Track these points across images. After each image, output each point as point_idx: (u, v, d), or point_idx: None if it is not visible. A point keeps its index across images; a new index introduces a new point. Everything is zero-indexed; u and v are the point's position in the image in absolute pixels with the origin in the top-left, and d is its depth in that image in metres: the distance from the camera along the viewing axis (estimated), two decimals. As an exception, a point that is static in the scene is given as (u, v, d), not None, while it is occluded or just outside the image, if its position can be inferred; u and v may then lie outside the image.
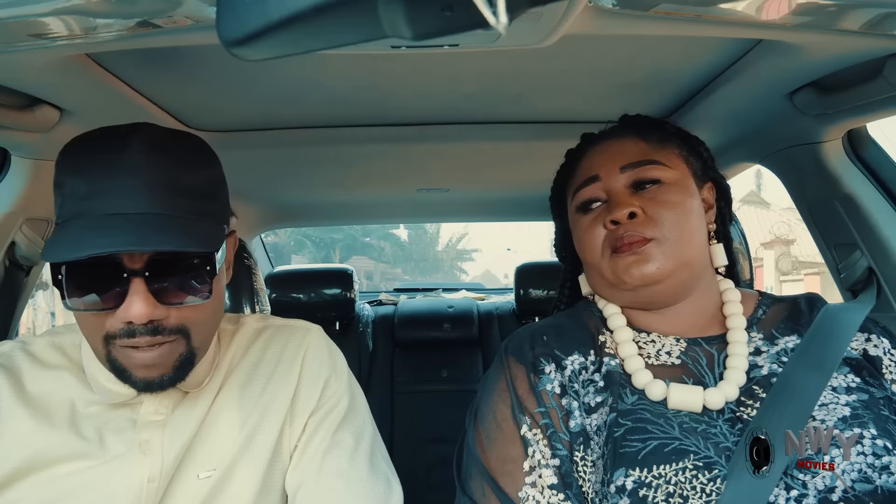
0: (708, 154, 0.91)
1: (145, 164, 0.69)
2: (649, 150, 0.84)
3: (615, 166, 0.83)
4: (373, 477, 0.82)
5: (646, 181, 0.82)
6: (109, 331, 0.70)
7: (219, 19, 0.33)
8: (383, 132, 1.30)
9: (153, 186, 0.69)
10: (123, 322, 0.68)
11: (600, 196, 0.84)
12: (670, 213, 0.79)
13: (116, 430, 0.77)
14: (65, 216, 0.70)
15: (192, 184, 0.72)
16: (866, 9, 0.64)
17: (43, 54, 0.71)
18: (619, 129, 0.91)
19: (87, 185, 0.69)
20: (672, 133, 0.89)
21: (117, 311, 0.68)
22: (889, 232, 1.06)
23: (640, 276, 0.77)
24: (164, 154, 0.71)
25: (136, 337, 0.69)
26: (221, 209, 0.78)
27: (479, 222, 4.83)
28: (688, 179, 0.84)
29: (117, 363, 0.71)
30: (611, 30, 0.69)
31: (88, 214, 0.68)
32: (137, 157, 0.69)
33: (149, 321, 0.69)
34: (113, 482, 0.75)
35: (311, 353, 0.89)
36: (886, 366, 0.76)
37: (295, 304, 2.26)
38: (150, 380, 0.72)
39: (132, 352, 0.70)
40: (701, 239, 0.82)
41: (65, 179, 0.71)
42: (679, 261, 0.78)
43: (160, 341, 0.70)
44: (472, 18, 0.28)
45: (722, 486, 0.65)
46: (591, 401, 0.76)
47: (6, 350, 0.81)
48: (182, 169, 0.72)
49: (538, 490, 0.71)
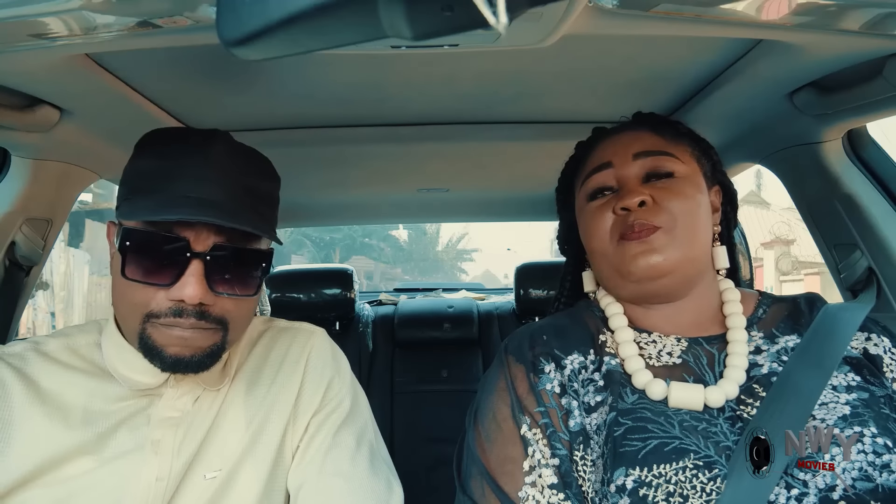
0: (717, 157, 0.91)
1: (226, 159, 0.76)
2: (664, 143, 0.84)
3: (629, 153, 0.84)
4: (373, 477, 0.82)
5: (659, 173, 0.82)
6: (154, 309, 0.73)
7: (219, 19, 0.34)
8: (383, 132, 1.30)
9: (230, 180, 0.75)
10: (174, 300, 0.72)
11: (611, 183, 0.84)
12: (681, 203, 0.79)
13: (130, 429, 0.78)
14: (138, 192, 0.75)
15: (261, 190, 0.80)
16: (866, 9, 0.64)
17: (43, 54, 0.71)
18: (632, 123, 0.91)
19: (166, 169, 0.74)
20: (684, 133, 0.89)
21: (171, 288, 0.72)
22: (889, 232, 1.06)
23: (647, 267, 0.77)
24: (242, 157, 0.78)
25: (183, 317, 0.72)
26: (274, 221, 0.84)
27: (480, 222, 4.83)
28: (699, 177, 0.84)
29: (150, 341, 0.73)
30: (611, 30, 0.69)
31: (165, 192, 0.73)
32: (219, 151, 0.76)
33: (198, 304, 0.72)
34: (122, 481, 0.75)
35: (314, 355, 0.90)
36: (887, 364, 0.76)
37: (295, 304, 2.26)
38: (181, 357, 0.74)
39: (172, 329, 0.73)
40: (707, 237, 0.82)
41: (143, 162, 0.76)
42: (685, 254, 0.78)
43: (203, 326, 0.74)
44: (472, 18, 0.28)
45: (722, 485, 0.65)
46: (591, 400, 0.76)
47: (18, 351, 0.81)
48: (255, 175, 0.79)
49: (538, 490, 0.71)
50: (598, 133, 0.94)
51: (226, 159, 0.76)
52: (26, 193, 1.08)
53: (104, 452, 0.76)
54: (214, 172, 0.74)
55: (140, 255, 0.73)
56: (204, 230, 0.73)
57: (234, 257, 0.75)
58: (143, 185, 0.75)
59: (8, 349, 0.81)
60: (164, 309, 0.72)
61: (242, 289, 0.77)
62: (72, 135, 1.02)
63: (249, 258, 0.77)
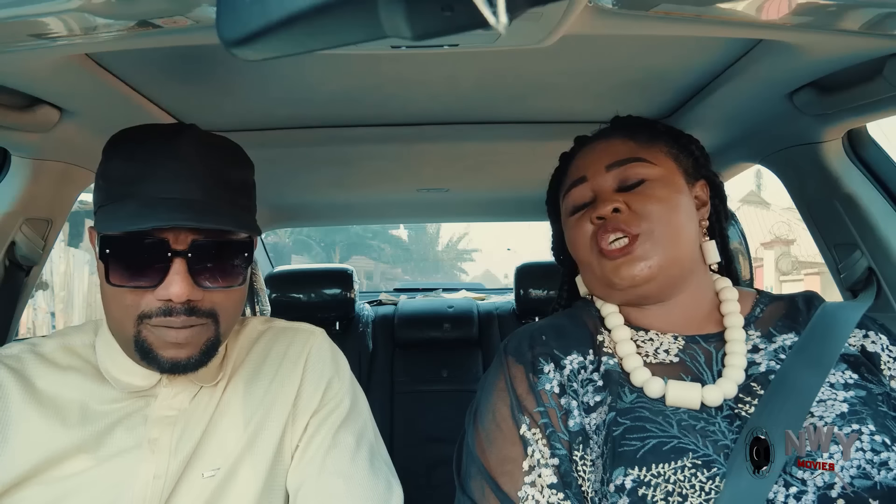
0: (700, 152, 0.91)
1: (195, 154, 0.74)
2: (636, 149, 0.85)
3: (601, 166, 0.85)
4: (373, 477, 0.82)
5: (631, 181, 0.83)
6: (145, 310, 0.73)
7: (219, 19, 0.34)
8: (383, 132, 1.30)
9: (202, 175, 0.74)
10: (161, 301, 0.72)
11: (588, 197, 0.86)
12: (655, 207, 0.80)
13: (127, 428, 0.78)
14: (111, 199, 0.74)
15: (234, 179, 0.79)
16: (866, 9, 0.64)
17: (43, 54, 0.71)
18: (608, 130, 0.92)
19: (137, 170, 0.73)
20: (661, 132, 0.90)
21: (157, 289, 0.72)
22: (889, 232, 1.06)
23: (630, 276, 0.78)
24: (211, 149, 0.77)
25: (173, 316, 0.73)
26: (253, 209, 0.84)
27: (479, 222, 4.83)
28: (675, 176, 0.85)
29: (145, 343, 0.74)
30: (611, 30, 0.69)
31: (138, 196, 0.72)
32: (188, 148, 0.74)
33: (186, 301, 0.72)
34: (119, 479, 0.75)
35: (314, 355, 0.90)
36: (885, 362, 0.76)
37: (295, 304, 2.26)
38: (177, 360, 0.74)
39: (165, 331, 0.73)
40: (690, 235, 0.82)
41: (113, 164, 0.75)
42: (668, 256, 0.78)
43: (194, 322, 0.74)
44: (472, 18, 0.28)
45: (721, 484, 0.65)
46: (590, 400, 0.76)
47: (15, 352, 0.81)
48: (227, 165, 0.78)
49: (538, 489, 0.71)
50: (579, 143, 0.95)
51: (197, 153, 0.75)
52: (26, 193, 1.08)
53: (101, 451, 0.76)
54: (187, 169, 0.73)
55: (122, 261, 0.73)
56: (182, 229, 0.73)
57: (216, 250, 0.75)
58: (116, 191, 0.74)
59: (5, 351, 0.82)
60: (154, 309, 0.73)
61: (228, 280, 0.77)
62: (72, 135, 1.01)
63: (231, 249, 0.78)
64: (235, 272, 0.78)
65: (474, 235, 35.09)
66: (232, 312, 0.80)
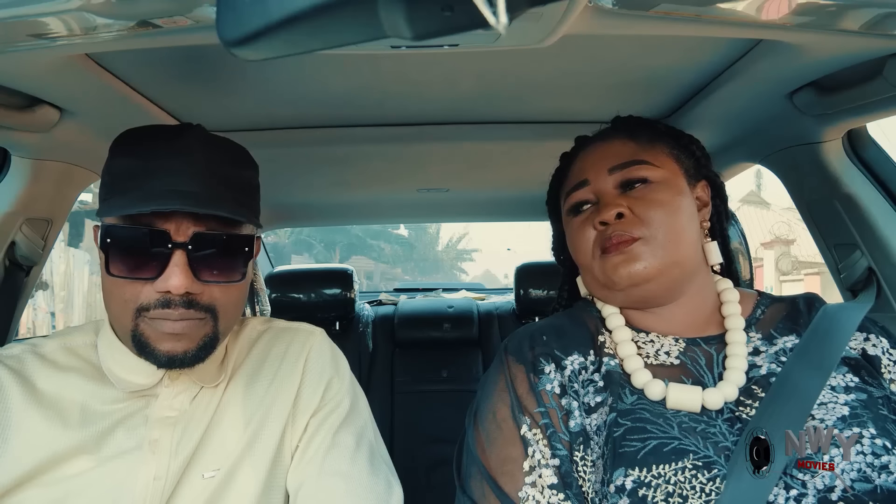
0: (701, 152, 0.91)
1: (200, 152, 0.75)
2: (638, 150, 0.85)
3: (603, 169, 0.85)
4: (373, 477, 0.82)
5: (633, 181, 0.83)
6: (143, 302, 0.73)
7: (219, 19, 0.34)
8: (383, 132, 1.30)
9: (206, 171, 0.74)
10: (160, 292, 0.72)
11: (590, 199, 0.86)
12: (658, 211, 0.79)
13: (128, 428, 0.78)
14: (115, 191, 0.75)
15: (238, 178, 0.79)
16: (866, 9, 0.64)
17: (43, 54, 0.71)
18: (609, 131, 0.92)
19: (141, 165, 0.74)
20: (662, 132, 0.89)
21: (156, 280, 0.72)
22: (889, 232, 1.06)
23: (629, 276, 0.78)
24: (216, 148, 0.78)
25: (171, 308, 0.73)
26: (256, 208, 0.84)
27: (479, 222, 4.83)
28: (677, 178, 0.84)
29: (143, 337, 0.74)
30: (611, 30, 0.69)
31: (142, 188, 0.73)
32: (193, 144, 0.75)
33: (185, 293, 0.72)
34: (120, 480, 0.75)
35: (314, 355, 0.90)
36: (885, 365, 0.76)
37: (295, 304, 2.26)
38: (174, 354, 0.74)
39: (163, 322, 0.73)
40: (692, 237, 0.82)
41: (118, 161, 0.76)
42: (668, 259, 0.78)
43: (192, 316, 0.74)
44: (472, 18, 0.28)
45: (721, 485, 0.65)
46: (591, 401, 0.76)
47: (16, 353, 0.81)
48: (231, 164, 0.79)
49: (538, 490, 0.71)
50: (580, 143, 0.94)
51: (200, 151, 0.75)
52: (26, 193, 1.08)
53: (102, 452, 0.76)
54: (189, 165, 0.74)
55: (122, 250, 0.73)
56: (183, 221, 0.73)
57: (216, 244, 0.75)
58: (120, 185, 0.75)
59: (5, 351, 0.82)
60: (152, 301, 0.73)
61: (227, 275, 0.77)
62: (72, 135, 1.01)
63: (231, 244, 0.78)
64: (236, 267, 0.78)
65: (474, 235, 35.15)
66: (231, 310, 0.80)
